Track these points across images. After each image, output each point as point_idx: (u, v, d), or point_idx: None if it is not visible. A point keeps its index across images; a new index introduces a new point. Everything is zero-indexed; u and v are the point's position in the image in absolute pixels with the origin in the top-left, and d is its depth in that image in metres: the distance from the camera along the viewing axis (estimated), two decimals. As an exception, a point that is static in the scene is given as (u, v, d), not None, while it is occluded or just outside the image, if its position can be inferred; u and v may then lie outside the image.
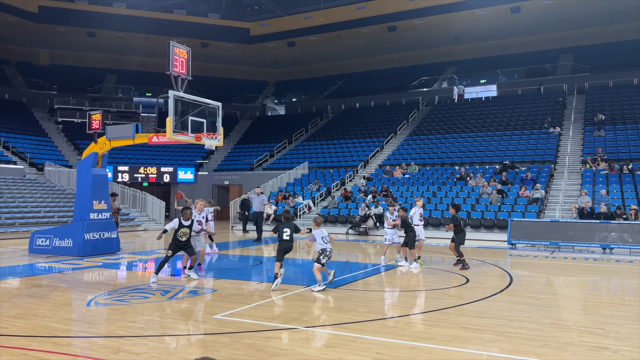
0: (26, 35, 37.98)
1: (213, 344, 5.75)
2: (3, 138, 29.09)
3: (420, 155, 27.96)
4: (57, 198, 24.09)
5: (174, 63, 12.90)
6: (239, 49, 42.16)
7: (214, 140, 13.74)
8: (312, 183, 26.91)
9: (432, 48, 39.55)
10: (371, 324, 6.61)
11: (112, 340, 5.95)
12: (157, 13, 37.41)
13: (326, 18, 37.01)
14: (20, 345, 5.68)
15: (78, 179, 14.78)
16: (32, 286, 9.54)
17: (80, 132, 33.18)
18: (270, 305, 7.72)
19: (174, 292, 8.95)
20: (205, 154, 34.76)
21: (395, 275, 11.13)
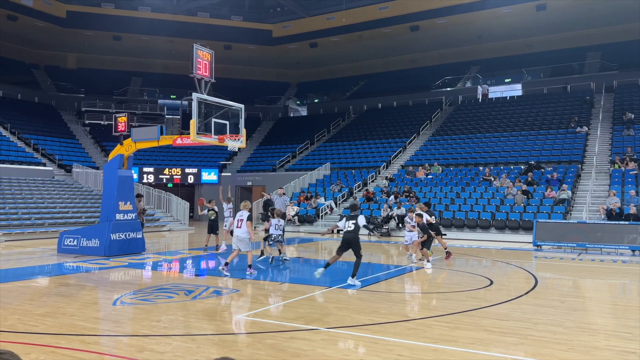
0: (55, 40, 38.94)
1: (235, 344, 5.81)
2: (33, 140, 29.87)
3: (443, 156, 27.71)
4: (85, 199, 24.62)
5: (197, 66, 13.07)
6: (261, 51, 42.44)
7: (237, 142, 13.88)
8: (334, 184, 26.91)
9: (455, 47, 39.17)
10: (392, 326, 6.59)
11: (137, 339, 6.06)
12: (180, 16, 37.94)
13: (348, 19, 36.99)
14: (48, 343, 5.83)
15: (104, 180, 15.09)
16: (60, 285, 9.78)
17: (107, 134, 33.87)
18: (292, 306, 7.75)
19: (198, 292, 9.06)
20: (229, 155, 35.08)
21: (418, 277, 11.05)
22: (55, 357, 5.29)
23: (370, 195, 24.10)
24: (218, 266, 12.66)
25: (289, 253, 15.95)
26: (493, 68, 37.98)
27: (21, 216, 20.10)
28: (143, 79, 42.00)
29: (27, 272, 11.57)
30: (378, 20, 36.64)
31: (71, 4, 36.48)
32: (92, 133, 35.37)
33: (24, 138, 29.81)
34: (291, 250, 16.86)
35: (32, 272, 11.73)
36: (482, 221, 19.96)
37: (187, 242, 19.55)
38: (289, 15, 39.96)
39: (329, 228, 12.30)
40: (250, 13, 40.68)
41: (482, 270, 12.10)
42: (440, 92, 36.69)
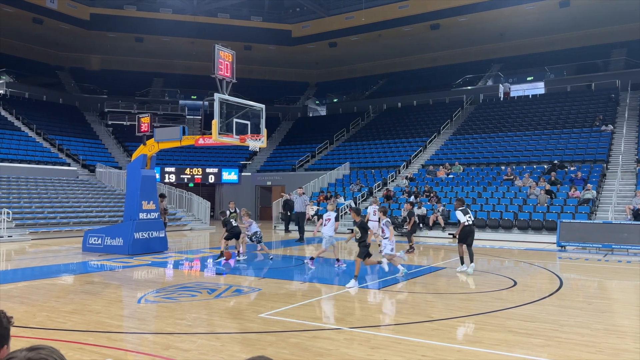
0: (79, 42, 39.63)
1: (259, 342, 5.84)
2: (58, 141, 30.46)
3: (464, 155, 27.44)
4: (108, 198, 25.02)
5: (219, 66, 13.17)
6: (280, 51, 42.58)
7: (258, 142, 13.96)
8: (354, 183, 26.86)
9: (476, 45, 38.74)
10: (415, 326, 6.55)
11: (162, 336, 6.14)
12: (201, 17, 38.29)
13: (368, 18, 36.87)
14: (76, 339, 5.94)
15: (128, 180, 15.31)
16: (86, 283, 9.96)
17: (129, 134, 34.40)
18: (314, 305, 7.77)
19: (220, 290, 9.14)
20: (249, 155, 35.28)
21: (440, 277, 10.97)
22: (83, 354, 5.39)
23: (390, 195, 23.99)
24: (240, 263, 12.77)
25: (309, 253, 15.99)
26: (515, 66, 37.46)
27: (47, 215, 20.51)
28: (164, 79, 42.49)
29: (53, 270, 11.81)
30: (398, 19, 36.42)
31: (95, 7, 37.10)
32: (115, 133, 35.92)
33: (49, 139, 30.42)
34: (311, 249, 16.89)
35: (58, 270, 11.97)
36: (504, 221, 19.72)
37: (209, 241, 19.72)
38: (308, 15, 40.01)
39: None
40: (270, 13, 40.85)
41: (505, 270, 11.96)
42: (461, 90, 36.33)
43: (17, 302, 8.05)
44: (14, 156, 25.84)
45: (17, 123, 30.49)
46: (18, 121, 30.77)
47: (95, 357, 5.32)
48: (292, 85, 45.34)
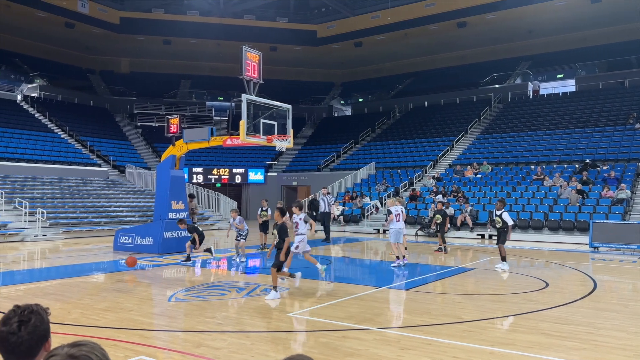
0: (109, 45, 40.50)
1: (288, 342, 5.87)
2: (89, 142, 31.18)
3: (493, 154, 27.03)
4: (137, 198, 25.49)
5: (246, 67, 13.28)
6: (306, 51, 42.69)
7: (285, 142, 14.02)
8: (380, 183, 26.73)
9: (504, 43, 38.10)
10: (446, 327, 6.48)
11: (193, 334, 6.22)
12: (228, 19, 38.68)
13: (393, 17, 36.66)
14: (110, 336, 6.07)
15: (157, 180, 15.57)
16: (118, 281, 10.16)
17: (158, 135, 34.99)
18: (343, 305, 7.76)
19: (249, 289, 9.21)
20: (275, 156, 35.48)
21: (468, 278, 10.83)
22: (116, 350, 5.50)
23: (416, 195, 23.79)
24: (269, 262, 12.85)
25: (334, 253, 15.99)
26: (544, 63, 36.71)
27: (79, 215, 21.02)
28: (192, 81, 43.07)
29: (86, 269, 12.10)
30: (424, 17, 36.11)
31: (124, 11, 37.87)
32: (144, 135, 36.58)
33: (80, 140, 31.15)
34: (336, 249, 16.88)
35: (90, 268, 12.26)
36: (534, 222, 19.34)
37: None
38: (333, 15, 40.01)
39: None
40: (296, 14, 40.99)
41: (536, 272, 11.73)
42: (489, 89, 35.79)
43: (53, 299, 8.27)
44: (48, 157, 26.55)
45: (51, 125, 31.32)
46: (51, 123, 31.60)
47: (128, 353, 5.42)
48: (318, 86, 45.40)
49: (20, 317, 1.90)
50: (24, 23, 35.21)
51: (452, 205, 21.23)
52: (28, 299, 8.23)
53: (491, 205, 21.10)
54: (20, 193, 21.22)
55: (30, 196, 21.20)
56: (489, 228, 20.18)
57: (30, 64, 37.11)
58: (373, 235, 21.74)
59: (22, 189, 21.93)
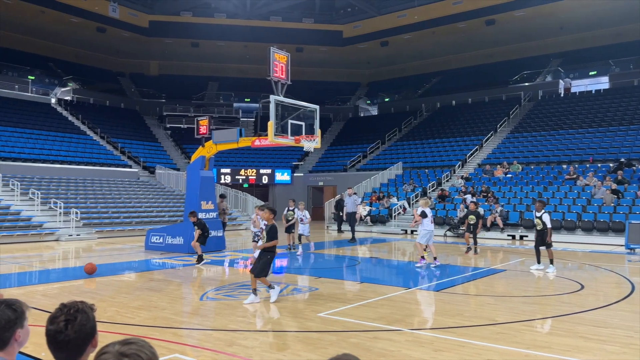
0: (138, 49, 41.30)
1: (320, 342, 5.86)
2: (120, 144, 31.84)
3: (523, 154, 26.52)
4: (167, 199, 25.90)
5: (274, 68, 13.34)
6: (332, 52, 42.70)
7: (312, 142, 14.04)
8: (407, 183, 26.52)
9: (534, 40, 37.35)
10: (479, 329, 6.38)
11: (225, 333, 6.27)
12: (254, 21, 38.99)
13: (420, 15, 36.36)
14: (144, 334, 6.17)
15: (188, 180, 15.79)
16: (150, 280, 10.34)
17: (186, 137, 35.51)
18: (373, 306, 7.72)
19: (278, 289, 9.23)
20: (301, 156, 35.58)
21: (500, 280, 10.64)
22: (152, 348, 5.58)
23: (445, 195, 23.52)
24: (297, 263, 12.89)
25: (362, 253, 15.93)
26: (576, 60, 35.82)
27: (111, 215, 21.47)
28: (219, 83, 43.54)
29: (119, 267, 12.35)
30: (452, 15, 35.69)
31: (153, 14, 38.57)
32: (173, 136, 37.16)
33: (112, 142, 31.83)
34: (364, 250, 16.82)
35: (124, 267, 12.51)
36: (567, 222, 18.90)
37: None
38: (359, 15, 39.91)
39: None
40: (321, 15, 41.04)
41: (570, 273, 11.45)
42: (519, 87, 35.14)
43: (88, 297, 8.46)
44: (81, 159, 27.21)
45: (83, 127, 32.09)
46: (84, 125, 32.38)
47: (162, 351, 5.50)
48: (343, 86, 45.35)
49: (67, 316, 1.94)
50: (58, 28, 36.20)
51: (481, 205, 20.91)
52: (64, 297, 8.45)
53: (522, 205, 20.74)
54: (55, 194, 21.80)
55: (65, 197, 21.75)
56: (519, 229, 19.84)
57: (64, 68, 38.11)
58: (400, 236, 21.59)
59: (56, 190, 22.52)
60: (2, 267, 12.56)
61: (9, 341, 2.08)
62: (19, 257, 14.37)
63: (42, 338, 2.00)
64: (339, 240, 19.66)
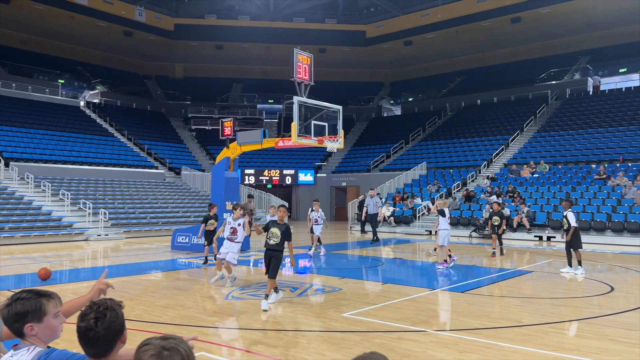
0: (164, 52, 41.99)
1: (344, 342, 5.88)
2: (147, 145, 32.40)
3: (550, 153, 26.05)
4: (193, 199, 26.25)
5: (297, 70, 13.40)
6: (354, 52, 42.67)
7: (335, 143, 14.06)
8: (431, 184, 26.31)
9: (561, 37, 36.65)
10: (505, 331, 6.31)
11: (250, 332, 6.34)
12: (277, 23, 39.22)
13: (444, 14, 36.04)
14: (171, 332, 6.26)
15: (213, 181, 15.99)
16: (177, 279, 10.50)
17: (211, 138, 35.93)
18: (397, 307, 7.69)
19: (302, 289, 9.30)
20: (324, 157, 35.64)
21: (526, 281, 10.48)
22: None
23: (470, 195, 23.25)
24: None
25: (385, 254, 15.87)
26: (605, 57, 35.00)
27: (138, 215, 21.87)
28: (243, 84, 43.93)
29: (146, 267, 12.57)
30: (476, 14, 35.30)
31: (178, 17, 39.17)
32: (198, 137, 37.65)
33: (139, 143, 32.42)
34: (387, 251, 16.76)
35: (150, 266, 12.72)
36: (596, 223, 18.49)
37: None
38: (382, 15, 39.78)
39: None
40: (344, 15, 41.04)
41: (599, 275, 11.21)
42: (546, 85, 34.51)
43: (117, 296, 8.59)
44: (108, 160, 27.79)
45: (111, 129, 32.76)
46: (111, 127, 33.05)
47: (189, 349, 5.58)
48: (366, 86, 45.25)
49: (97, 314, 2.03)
50: (86, 33, 37.05)
51: (507, 206, 20.62)
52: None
53: (549, 205, 20.38)
54: (84, 194, 22.30)
55: (94, 197, 22.24)
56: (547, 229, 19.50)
57: (92, 72, 38.99)
58: (424, 237, 21.44)
59: (85, 191, 23.05)
60: (34, 265, 12.93)
61: (22, 332, 2.20)
62: (50, 256, 14.76)
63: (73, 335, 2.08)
64: (362, 241, 19.63)
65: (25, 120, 28.31)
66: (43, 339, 2.24)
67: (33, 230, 18.09)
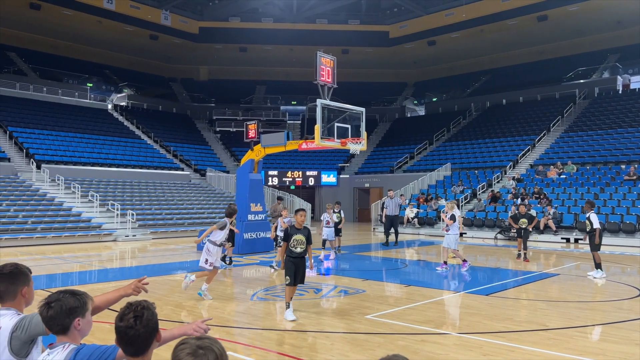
0: (189, 55, 42.63)
1: (367, 344, 5.94)
2: (173, 147, 32.95)
3: (578, 154, 25.58)
4: (217, 200, 26.59)
5: (320, 72, 13.49)
6: (378, 53, 42.59)
7: (359, 145, 14.10)
8: (456, 185, 26.11)
9: (589, 35, 35.92)
10: (530, 334, 6.28)
11: (276, 332, 6.45)
12: (300, 24, 39.43)
13: (468, 13, 35.70)
14: (199, 332, 6.43)
15: (237, 183, 16.22)
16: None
17: (235, 140, 36.31)
18: (420, 309, 7.72)
19: (326, 290, 9.38)
20: (347, 158, 35.67)
21: (552, 284, 10.36)
22: (206, 345, 5.83)
23: (496, 196, 23.00)
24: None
25: (409, 256, 15.84)
26: (635, 55, 34.15)
27: (165, 216, 22.27)
28: (266, 86, 44.28)
29: (173, 267, 12.83)
30: (501, 12, 34.87)
31: (203, 21, 39.73)
32: (222, 139, 38.10)
33: (165, 145, 32.99)
34: (411, 252, 16.72)
35: (177, 267, 12.98)
36: (625, 225, 18.10)
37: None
38: (405, 15, 39.63)
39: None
40: (367, 16, 41.02)
41: (628, 278, 11.01)
42: (573, 84, 33.88)
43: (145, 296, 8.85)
44: (136, 162, 28.36)
45: (138, 132, 33.42)
46: (138, 130, 33.72)
47: (216, 349, 5.72)
48: (389, 86, 45.11)
49: (135, 313, 2.16)
50: (114, 37, 37.89)
51: (534, 207, 20.35)
52: (124, 295, 8.90)
53: (576, 207, 20.02)
54: (113, 196, 22.82)
55: (121, 199, 22.74)
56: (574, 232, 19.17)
57: (119, 75, 39.83)
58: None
59: (114, 192, 23.58)
60: (65, 265, 13.33)
61: (70, 327, 2.37)
62: (79, 256, 15.18)
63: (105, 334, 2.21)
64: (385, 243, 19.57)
65: (56, 123, 29.10)
66: (82, 334, 2.43)
67: (64, 231, 18.61)
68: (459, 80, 41.97)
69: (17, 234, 17.42)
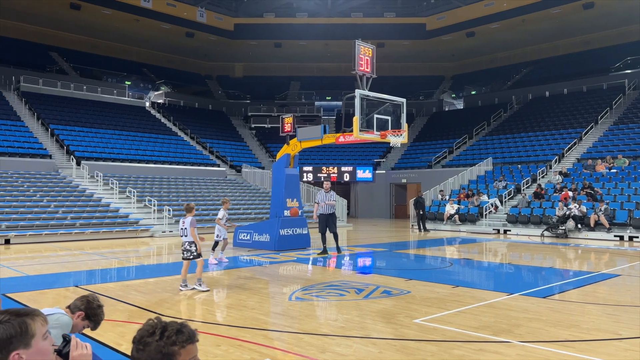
0: (224, 52, 42.69)
1: (419, 352, 5.40)
2: (209, 144, 33.00)
3: (629, 147, 24.17)
4: (253, 196, 26.40)
5: (359, 62, 12.97)
6: (414, 45, 41.61)
7: (399, 137, 13.52)
8: (498, 180, 25.08)
9: (638, 23, 34.01)
10: (601, 344, 5.60)
11: (316, 337, 5.97)
12: (335, 18, 38.86)
13: (509, 3, 34.38)
14: (235, 335, 6.02)
15: (273, 178, 15.85)
16: (239, 278, 10.35)
17: (270, 136, 36.15)
18: (473, 313, 7.10)
19: (368, 291, 8.86)
20: (383, 153, 34.96)
21: (614, 286, 9.54)
22: (243, 352, 5.42)
23: (542, 192, 21.92)
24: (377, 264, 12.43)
25: (450, 254, 15.15)
26: (690, 42, 32.20)
27: (201, 212, 22.16)
28: (301, 82, 43.94)
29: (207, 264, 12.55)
30: (545, 1, 33.38)
31: (238, 17, 39.66)
32: (257, 136, 38.00)
33: (201, 142, 33.08)
34: (452, 250, 16.00)
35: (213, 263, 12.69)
36: (686, 222, 16.87)
37: (346, 239, 19.72)
38: (443, 6, 38.52)
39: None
40: (403, 8, 40.09)
41: None
42: (622, 74, 32.15)
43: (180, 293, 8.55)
44: (172, 158, 28.48)
45: (174, 129, 33.61)
46: (175, 127, 33.92)
47: (254, 355, 5.30)
48: (426, 80, 44.06)
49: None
50: (151, 35, 38.26)
51: (583, 203, 19.26)
52: (157, 293, 8.62)
53: (630, 203, 18.84)
54: (150, 192, 22.89)
55: (158, 195, 22.78)
56: (628, 229, 18.02)
57: (156, 73, 40.23)
58: (492, 236, 20.41)
59: (151, 188, 23.65)
60: (103, 261, 13.25)
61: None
62: (117, 252, 15.13)
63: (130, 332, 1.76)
64: (423, 240, 18.92)
65: (95, 120, 29.52)
66: None
67: (102, 226, 18.70)
68: (499, 72, 40.59)
69: (56, 229, 17.58)
